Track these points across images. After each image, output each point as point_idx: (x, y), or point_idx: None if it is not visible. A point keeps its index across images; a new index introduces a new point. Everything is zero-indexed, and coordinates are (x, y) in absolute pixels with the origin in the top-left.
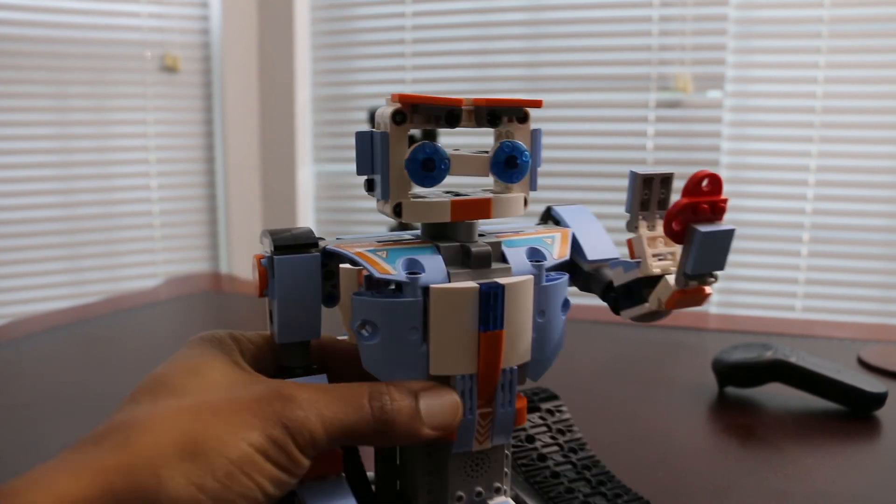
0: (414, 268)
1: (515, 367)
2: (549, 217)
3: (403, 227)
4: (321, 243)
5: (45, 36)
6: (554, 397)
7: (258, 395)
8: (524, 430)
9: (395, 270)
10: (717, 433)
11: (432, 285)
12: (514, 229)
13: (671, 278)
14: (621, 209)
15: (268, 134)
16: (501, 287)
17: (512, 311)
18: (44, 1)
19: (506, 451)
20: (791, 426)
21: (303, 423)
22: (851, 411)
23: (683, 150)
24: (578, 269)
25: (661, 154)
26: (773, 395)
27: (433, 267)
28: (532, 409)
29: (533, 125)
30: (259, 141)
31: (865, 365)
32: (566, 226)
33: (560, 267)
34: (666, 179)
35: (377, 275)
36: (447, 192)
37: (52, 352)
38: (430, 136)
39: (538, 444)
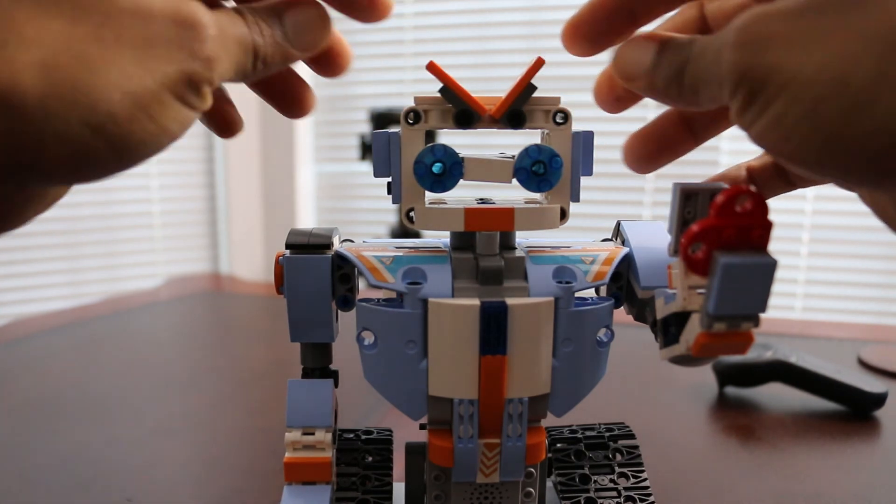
0: (416, 278)
1: (526, 399)
2: (618, 233)
3: (405, 231)
4: (346, 245)
5: None
6: (629, 436)
7: (167, 10)
8: (581, 468)
9: (393, 279)
10: (717, 433)
11: (431, 299)
12: (558, 244)
13: (698, 317)
14: (621, 211)
15: (268, 134)
16: (505, 307)
17: (521, 335)
18: None
19: (529, 489)
20: (791, 426)
21: (215, 57)
22: (851, 411)
23: None
24: (634, 296)
25: None
26: (773, 395)
27: (438, 279)
28: (598, 445)
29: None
30: (259, 141)
31: (865, 365)
32: (628, 244)
33: (609, 291)
34: (715, 195)
35: (373, 282)
36: (480, 200)
37: (52, 352)
38: (430, 136)
39: (593, 485)
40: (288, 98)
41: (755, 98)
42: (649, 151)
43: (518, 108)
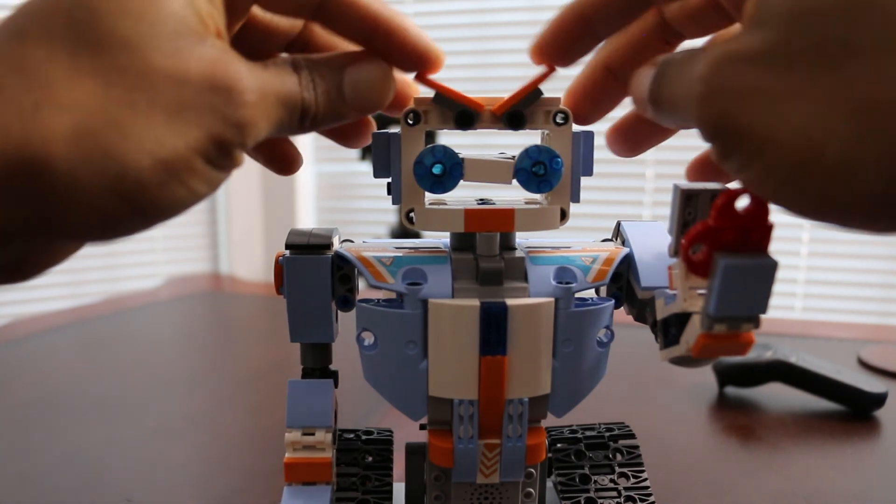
0: (416, 278)
1: (526, 399)
2: (618, 233)
3: (405, 231)
4: (346, 245)
5: None
6: (629, 436)
7: (203, 74)
8: (581, 468)
9: (393, 280)
10: (717, 433)
11: (431, 299)
12: (558, 244)
13: (699, 319)
14: (621, 211)
15: None
16: (505, 308)
17: (521, 336)
18: None
19: (529, 490)
20: (791, 426)
21: (250, 122)
22: (851, 411)
23: (682, 151)
24: (634, 296)
25: (659, 154)
26: (773, 395)
27: (438, 280)
28: (598, 445)
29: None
30: None
31: (865, 365)
32: (629, 244)
33: (610, 292)
34: (716, 196)
35: (373, 282)
36: (480, 201)
37: (52, 352)
38: (430, 137)
39: (593, 485)
40: (341, 131)
41: (731, 155)
42: (629, 137)
43: (520, 109)
